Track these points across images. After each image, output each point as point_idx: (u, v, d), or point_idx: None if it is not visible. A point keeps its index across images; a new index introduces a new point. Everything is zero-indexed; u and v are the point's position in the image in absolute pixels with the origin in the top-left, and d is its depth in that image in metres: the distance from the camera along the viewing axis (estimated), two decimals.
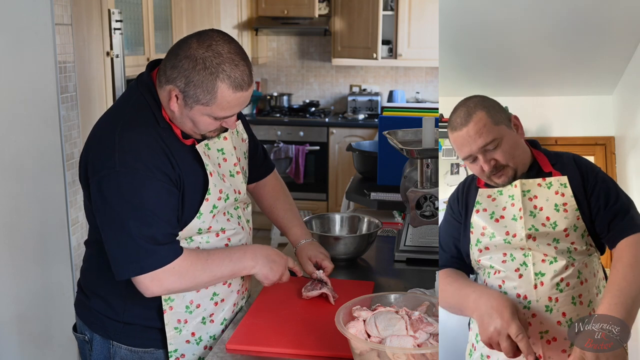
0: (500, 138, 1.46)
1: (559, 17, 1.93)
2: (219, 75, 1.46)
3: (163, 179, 1.52)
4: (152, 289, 1.53)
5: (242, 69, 1.49)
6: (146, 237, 1.49)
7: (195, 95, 1.48)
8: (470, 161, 1.49)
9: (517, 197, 1.47)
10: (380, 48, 5.46)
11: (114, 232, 1.51)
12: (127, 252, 1.50)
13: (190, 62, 1.46)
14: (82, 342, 1.75)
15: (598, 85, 2.10)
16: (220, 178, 1.65)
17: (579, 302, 1.41)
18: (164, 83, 1.52)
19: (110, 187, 1.49)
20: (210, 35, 1.49)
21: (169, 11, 4.27)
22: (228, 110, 1.52)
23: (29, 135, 2.71)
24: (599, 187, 1.45)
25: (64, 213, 2.90)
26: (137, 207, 1.49)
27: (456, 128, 1.47)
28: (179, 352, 1.66)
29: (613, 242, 1.41)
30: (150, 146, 1.53)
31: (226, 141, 1.70)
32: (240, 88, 1.49)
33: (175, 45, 1.52)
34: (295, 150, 5.55)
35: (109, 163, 1.49)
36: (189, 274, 1.55)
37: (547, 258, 1.43)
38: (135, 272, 1.50)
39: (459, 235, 1.56)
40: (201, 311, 1.68)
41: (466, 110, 1.46)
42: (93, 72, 3.19)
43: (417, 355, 1.37)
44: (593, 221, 1.45)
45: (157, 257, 1.50)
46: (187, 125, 1.56)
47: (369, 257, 2.26)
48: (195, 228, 1.61)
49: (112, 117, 1.61)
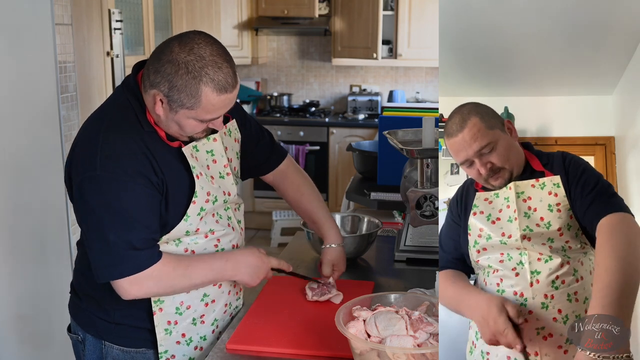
0: (494, 142, 1.50)
1: (559, 17, 1.93)
2: (202, 79, 1.44)
3: (144, 184, 1.51)
4: (130, 292, 1.53)
5: (226, 71, 1.47)
6: (125, 242, 1.49)
7: (179, 100, 1.47)
8: (467, 166, 1.54)
9: (511, 198, 1.50)
10: (381, 48, 5.46)
11: (93, 236, 1.51)
12: (106, 256, 1.50)
13: (173, 66, 1.44)
14: (76, 342, 1.75)
15: (598, 85, 2.10)
16: (209, 180, 1.63)
17: (575, 299, 1.44)
18: (148, 87, 1.51)
19: (90, 190, 1.49)
20: (191, 38, 1.47)
21: (169, 11, 4.27)
22: (213, 112, 1.51)
23: (29, 135, 2.71)
24: (578, 179, 1.47)
25: (64, 213, 2.90)
26: (117, 212, 1.49)
27: (452, 134, 1.51)
28: (170, 352, 1.66)
29: (592, 225, 1.41)
30: (133, 150, 1.52)
31: (216, 142, 1.67)
32: (224, 90, 1.47)
33: (157, 48, 1.50)
34: (295, 150, 5.56)
35: (91, 166, 1.49)
36: (168, 280, 1.56)
37: (542, 257, 1.45)
38: (114, 276, 1.51)
39: (459, 237, 1.60)
40: (191, 312, 1.67)
41: (461, 117, 1.51)
42: (93, 72, 3.19)
43: (417, 355, 1.37)
44: (576, 210, 1.46)
45: (136, 262, 1.50)
46: (172, 129, 1.56)
47: (369, 257, 2.26)
48: (183, 230, 1.60)
49: (97, 119, 1.59)
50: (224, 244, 1.70)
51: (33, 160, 2.74)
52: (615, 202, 1.42)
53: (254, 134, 1.88)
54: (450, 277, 1.56)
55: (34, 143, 2.74)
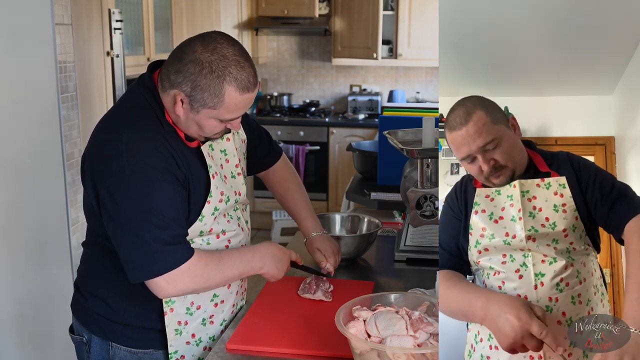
0: (499, 138, 1.45)
1: (559, 17, 1.93)
2: (225, 78, 1.46)
3: (172, 181, 1.52)
4: (167, 290, 1.53)
5: (248, 71, 1.49)
6: (159, 239, 1.49)
7: (202, 99, 1.48)
8: (468, 161, 1.48)
9: (515, 197, 1.47)
10: (381, 48, 5.46)
11: (126, 236, 1.50)
12: (141, 255, 1.49)
13: (196, 66, 1.46)
14: (80, 344, 1.74)
15: (598, 85, 2.10)
16: (222, 180, 1.65)
17: (578, 302, 1.42)
18: (168, 88, 1.52)
19: (120, 191, 1.49)
20: (214, 38, 1.49)
21: (169, 11, 4.27)
22: (235, 112, 1.53)
23: (29, 135, 2.71)
24: (592, 181, 1.45)
25: (64, 213, 2.90)
26: (149, 210, 1.49)
27: (455, 128, 1.46)
28: (179, 353, 1.66)
29: (617, 229, 1.39)
30: (158, 148, 1.52)
31: (229, 142, 1.70)
32: (246, 90, 1.50)
33: (177, 49, 1.52)
34: (295, 150, 5.55)
35: (118, 167, 1.49)
36: (203, 275, 1.56)
37: (546, 259, 1.43)
38: (151, 275, 1.50)
39: (459, 234, 1.56)
40: (201, 312, 1.68)
41: (465, 110, 1.46)
42: (93, 72, 3.19)
43: (417, 355, 1.37)
44: (593, 218, 1.45)
45: (171, 258, 1.50)
46: (192, 129, 1.56)
47: (369, 257, 2.26)
48: (197, 231, 1.61)
49: (115, 120, 1.60)
50: (234, 245, 1.70)
51: (33, 160, 2.74)
52: (638, 202, 1.40)
53: (255, 134, 1.90)
54: (449, 279, 1.50)
55: (34, 143, 2.74)
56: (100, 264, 1.67)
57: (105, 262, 1.65)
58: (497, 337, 1.33)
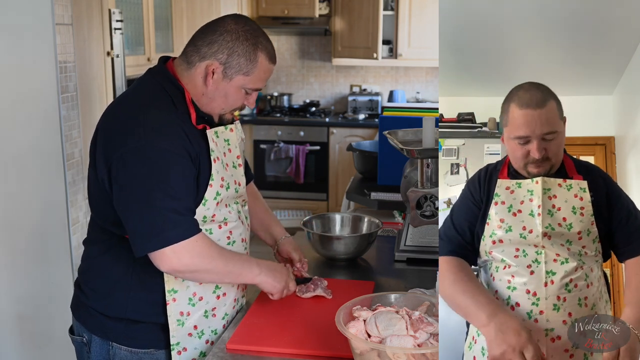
0: (558, 132, 1.48)
1: (559, 17, 1.93)
2: (258, 46, 1.61)
3: (186, 156, 1.56)
4: (171, 262, 1.52)
5: (272, 45, 1.66)
6: (171, 208, 1.51)
7: (238, 65, 1.60)
8: (521, 142, 1.48)
9: (537, 193, 1.48)
10: (381, 48, 5.46)
11: (138, 205, 1.52)
12: (152, 223, 1.51)
13: (232, 34, 1.59)
14: (80, 345, 1.74)
15: (598, 85, 2.11)
16: (224, 167, 1.67)
17: (584, 305, 1.44)
18: (198, 61, 1.61)
19: (135, 160, 1.52)
20: (242, 16, 1.67)
21: (169, 11, 4.27)
22: (260, 82, 1.65)
23: (29, 135, 2.71)
24: (621, 202, 1.51)
25: (64, 213, 2.90)
26: (163, 180, 1.52)
27: (529, 106, 1.46)
28: (181, 345, 1.67)
29: (632, 253, 1.49)
30: (173, 124, 1.58)
31: (232, 133, 1.74)
32: (273, 60, 1.66)
33: (204, 27, 1.63)
34: (295, 150, 5.55)
35: (135, 137, 1.52)
36: (208, 255, 1.57)
37: (559, 258, 1.45)
38: (160, 243, 1.51)
39: (476, 221, 1.55)
40: (204, 304, 1.68)
41: (542, 94, 1.48)
42: (93, 72, 3.19)
43: (417, 355, 1.37)
44: (613, 231, 1.50)
45: (181, 229, 1.52)
46: (216, 102, 1.64)
47: (369, 257, 2.26)
48: (200, 216, 1.62)
49: (131, 99, 1.65)
50: (235, 237, 1.72)
51: (33, 160, 2.74)
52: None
53: None
54: (454, 271, 1.49)
55: (34, 143, 2.74)
56: (102, 259, 1.68)
57: (108, 257, 1.66)
58: (490, 344, 1.34)
